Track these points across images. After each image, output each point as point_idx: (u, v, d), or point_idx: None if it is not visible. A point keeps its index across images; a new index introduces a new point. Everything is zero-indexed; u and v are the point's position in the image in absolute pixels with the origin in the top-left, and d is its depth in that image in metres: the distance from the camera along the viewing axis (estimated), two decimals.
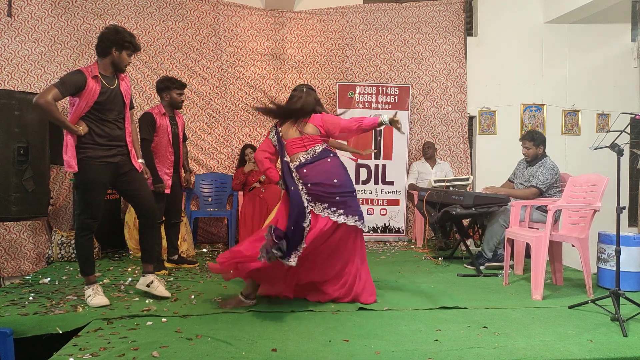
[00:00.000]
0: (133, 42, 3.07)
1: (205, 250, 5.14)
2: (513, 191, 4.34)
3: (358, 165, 5.81)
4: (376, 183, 5.86)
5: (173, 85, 4.07)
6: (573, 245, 3.44)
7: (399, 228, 5.90)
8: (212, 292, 3.37)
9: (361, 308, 3.01)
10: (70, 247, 4.46)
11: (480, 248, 4.46)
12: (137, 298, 3.21)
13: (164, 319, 2.75)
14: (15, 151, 4.15)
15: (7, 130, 4.15)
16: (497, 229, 4.19)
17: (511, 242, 3.85)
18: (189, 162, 5.14)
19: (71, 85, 2.88)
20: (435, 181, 5.14)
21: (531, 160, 4.36)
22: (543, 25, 6.34)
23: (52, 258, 4.45)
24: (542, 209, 4.15)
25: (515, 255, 4.11)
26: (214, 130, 5.75)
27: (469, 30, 6.34)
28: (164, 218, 4.12)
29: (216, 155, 5.73)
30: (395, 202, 5.89)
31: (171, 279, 3.74)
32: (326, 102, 5.78)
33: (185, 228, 4.65)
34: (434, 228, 5.18)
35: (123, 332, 2.54)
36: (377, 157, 5.85)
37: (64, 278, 3.79)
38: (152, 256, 3.36)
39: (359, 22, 6.10)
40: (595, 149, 3.09)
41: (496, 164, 5.86)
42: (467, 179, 5.27)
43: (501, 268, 3.97)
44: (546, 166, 4.24)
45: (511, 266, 4.11)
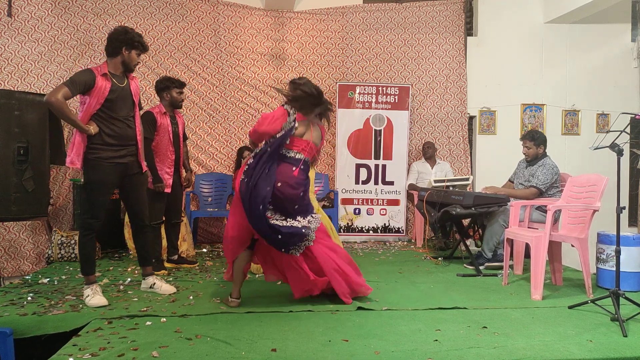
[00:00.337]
0: (142, 42, 3.15)
1: (205, 250, 5.14)
2: (513, 191, 4.34)
3: (358, 165, 5.82)
4: (376, 183, 5.86)
5: (173, 84, 4.08)
6: (572, 245, 3.44)
7: (399, 228, 5.90)
8: (212, 292, 3.37)
9: (360, 308, 3.01)
10: (70, 247, 4.46)
11: (480, 248, 4.46)
12: (136, 298, 3.22)
13: (164, 319, 2.75)
14: (15, 151, 4.16)
15: (7, 130, 4.15)
16: (497, 229, 4.19)
17: (511, 242, 3.85)
18: (189, 162, 5.15)
19: (80, 83, 2.93)
20: (435, 181, 5.14)
21: (531, 160, 4.36)
22: (543, 25, 6.34)
23: (52, 258, 4.45)
24: (542, 209, 4.15)
25: (514, 255, 4.12)
26: (214, 130, 5.75)
27: (469, 30, 6.34)
28: (164, 218, 4.12)
29: (216, 155, 5.73)
30: (395, 202, 5.89)
31: (171, 279, 3.73)
32: None
33: (185, 228, 4.65)
34: (434, 228, 5.19)
35: (122, 332, 2.54)
36: (377, 157, 5.85)
37: (64, 278, 3.79)
38: (148, 259, 3.44)
39: (359, 22, 6.10)
40: (595, 149, 3.09)
41: (496, 164, 5.87)
42: (467, 179, 5.27)
43: (501, 268, 3.97)
44: (546, 166, 4.24)
45: (511, 266, 4.11)
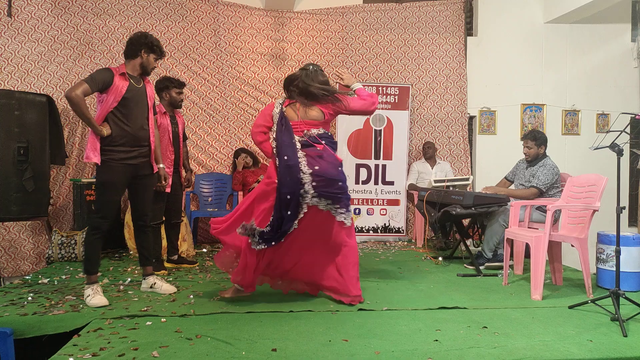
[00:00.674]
0: (160, 47, 3.30)
1: (205, 250, 5.14)
2: (513, 191, 4.34)
3: (358, 165, 5.82)
4: (376, 183, 5.86)
5: (172, 84, 4.08)
6: (572, 245, 3.44)
7: (399, 228, 5.90)
8: (212, 292, 3.37)
9: (361, 309, 3.01)
10: (70, 247, 4.46)
11: (480, 248, 4.46)
12: (137, 298, 3.22)
13: (164, 319, 2.75)
14: (15, 151, 4.16)
15: (7, 130, 4.15)
16: (497, 229, 4.19)
17: (511, 242, 3.85)
18: (189, 162, 5.15)
19: (99, 81, 3.00)
20: (435, 181, 5.14)
21: (532, 160, 4.36)
22: (543, 25, 6.34)
23: (52, 258, 4.45)
24: (542, 209, 4.15)
25: (514, 255, 4.12)
26: (214, 130, 5.75)
27: (469, 30, 6.34)
28: (164, 218, 4.12)
29: (216, 155, 5.73)
30: (395, 202, 5.89)
31: (171, 279, 3.73)
32: None
33: (185, 228, 4.65)
34: (434, 228, 5.19)
35: (123, 332, 2.54)
36: (378, 157, 5.86)
37: (64, 278, 3.79)
38: (149, 259, 3.47)
39: (359, 22, 6.10)
40: (595, 149, 3.09)
41: (496, 164, 5.86)
42: (467, 179, 5.27)
43: (501, 268, 3.97)
44: (547, 166, 4.24)
45: (511, 266, 4.11)
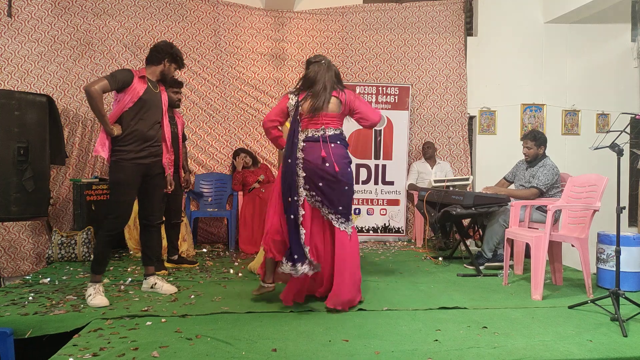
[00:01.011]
0: (182, 59, 3.37)
1: (205, 250, 5.14)
2: (514, 191, 4.34)
3: (358, 165, 5.82)
4: (376, 183, 5.86)
5: (167, 84, 4.07)
6: (573, 245, 3.44)
7: (399, 228, 5.90)
8: (212, 292, 3.37)
9: (361, 309, 3.01)
10: (70, 247, 4.46)
11: (480, 248, 4.46)
12: (137, 298, 3.22)
13: (164, 319, 2.76)
14: (15, 151, 4.16)
15: (7, 130, 4.15)
16: (497, 229, 4.19)
17: (511, 242, 3.85)
18: (189, 163, 5.15)
19: (120, 79, 3.05)
20: (435, 181, 5.13)
21: (531, 160, 4.36)
22: (543, 25, 6.34)
23: (52, 258, 4.45)
24: (542, 209, 4.15)
25: (515, 255, 4.12)
26: (214, 130, 5.75)
27: (469, 30, 6.33)
28: (164, 218, 4.12)
29: (216, 155, 5.73)
30: (395, 202, 5.89)
31: (171, 279, 3.73)
32: None
33: (185, 228, 4.65)
34: (434, 228, 5.19)
35: (123, 332, 2.54)
36: (377, 157, 5.85)
37: (64, 278, 3.79)
38: (152, 258, 3.48)
39: (359, 22, 6.09)
40: (595, 149, 3.09)
41: (496, 164, 5.85)
42: (467, 179, 5.27)
43: (501, 268, 3.97)
44: (547, 167, 4.24)
45: (511, 266, 4.11)
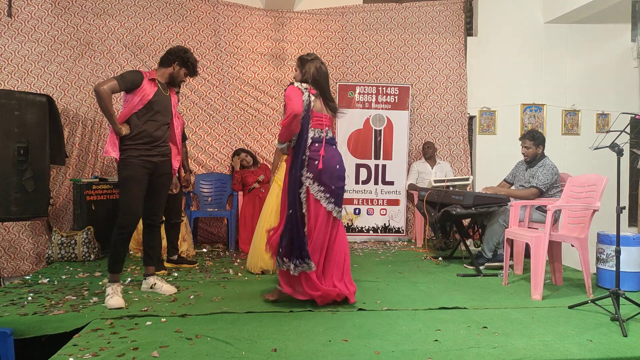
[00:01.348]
0: (195, 66, 3.33)
1: (205, 250, 5.14)
2: (513, 191, 4.34)
3: (358, 165, 5.82)
4: (376, 183, 5.86)
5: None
6: (572, 245, 3.44)
7: (399, 228, 5.90)
8: (212, 292, 3.37)
9: (361, 309, 3.01)
10: (70, 247, 4.46)
11: (480, 248, 4.46)
12: (137, 298, 3.22)
13: (164, 319, 2.76)
14: (15, 151, 4.16)
15: (7, 130, 4.15)
16: (497, 229, 4.19)
17: (511, 242, 3.85)
18: (189, 163, 5.15)
19: (129, 80, 3.06)
20: (435, 181, 5.14)
21: (530, 160, 4.36)
22: (543, 25, 6.34)
23: (52, 258, 4.45)
24: (542, 209, 4.15)
25: (514, 255, 4.12)
26: (214, 130, 5.74)
27: (469, 30, 6.34)
28: (164, 218, 4.12)
29: (216, 155, 5.72)
30: (395, 202, 5.89)
31: (171, 279, 3.74)
32: None
33: (185, 228, 4.65)
34: (434, 228, 5.19)
35: (123, 332, 2.54)
36: (377, 157, 5.85)
37: (64, 278, 3.79)
38: (152, 258, 3.50)
39: (359, 22, 6.10)
40: (595, 149, 3.09)
41: (496, 164, 5.86)
42: (467, 179, 5.27)
43: (501, 268, 3.97)
44: (546, 166, 4.24)
45: (511, 266, 4.11)
